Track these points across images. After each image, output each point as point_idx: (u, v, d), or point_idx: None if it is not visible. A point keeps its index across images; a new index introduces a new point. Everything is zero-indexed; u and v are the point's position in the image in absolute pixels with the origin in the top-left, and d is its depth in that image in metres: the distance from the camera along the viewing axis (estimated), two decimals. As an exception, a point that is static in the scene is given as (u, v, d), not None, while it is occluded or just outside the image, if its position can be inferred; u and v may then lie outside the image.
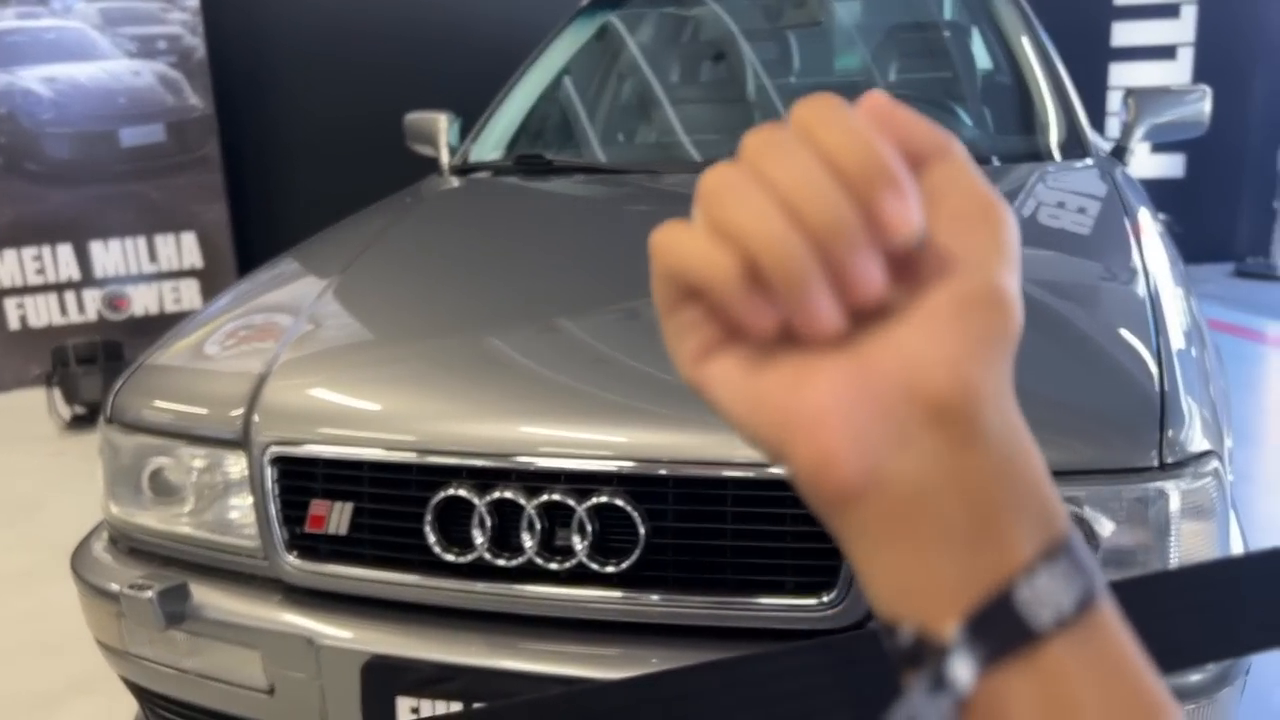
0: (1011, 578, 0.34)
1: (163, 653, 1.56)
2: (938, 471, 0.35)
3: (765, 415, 0.36)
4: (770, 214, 0.34)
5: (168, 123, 4.70)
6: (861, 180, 0.34)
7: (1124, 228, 1.91)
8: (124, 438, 1.63)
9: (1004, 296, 0.35)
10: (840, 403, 0.35)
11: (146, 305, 4.81)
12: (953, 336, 0.35)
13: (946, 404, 0.35)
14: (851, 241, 0.34)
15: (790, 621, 1.30)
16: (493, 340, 1.64)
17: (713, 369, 0.37)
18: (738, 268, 0.34)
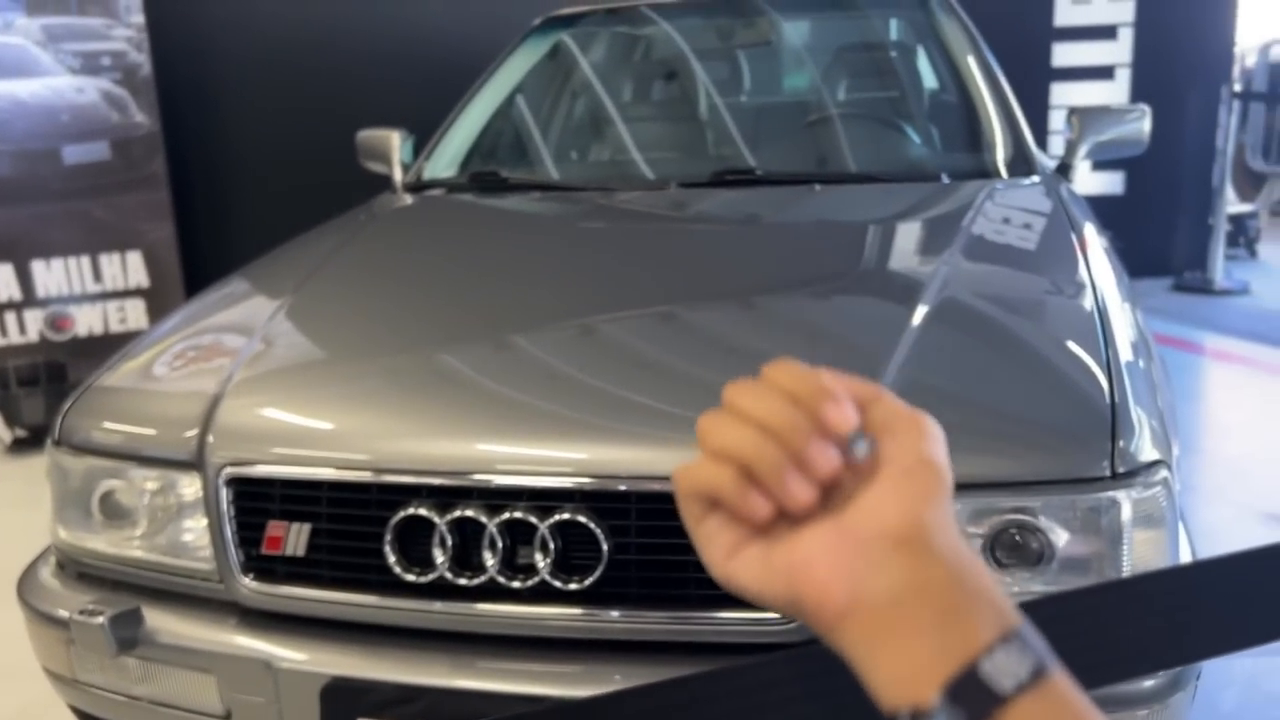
0: (976, 656, 0.45)
1: (114, 680, 1.53)
2: (905, 583, 0.48)
3: (777, 577, 0.51)
4: (749, 433, 0.50)
5: (112, 140, 4.62)
6: (810, 399, 0.51)
7: (1071, 243, 1.95)
8: (73, 460, 1.60)
9: (934, 463, 0.51)
10: (825, 549, 0.50)
11: (91, 325, 4.71)
12: (900, 493, 0.50)
13: (904, 534, 0.49)
14: (807, 436, 0.50)
15: (753, 635, 1.31)
16: (451, 358, 1.63)
17: (737, 562, 0.52)
18: (734, 474, 0.51)
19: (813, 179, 2.39)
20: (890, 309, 1.71)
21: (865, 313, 1.76)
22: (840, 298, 1.83)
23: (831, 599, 0.49)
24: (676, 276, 1.92)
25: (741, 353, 1.59)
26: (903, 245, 2.07)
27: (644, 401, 1.44)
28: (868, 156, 2.58)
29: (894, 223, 2.21)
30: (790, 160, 2.62)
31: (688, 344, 1.64)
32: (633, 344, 1.66)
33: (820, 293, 1.86)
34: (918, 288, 1.70)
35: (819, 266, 1.96)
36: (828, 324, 1.72)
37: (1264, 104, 6.80)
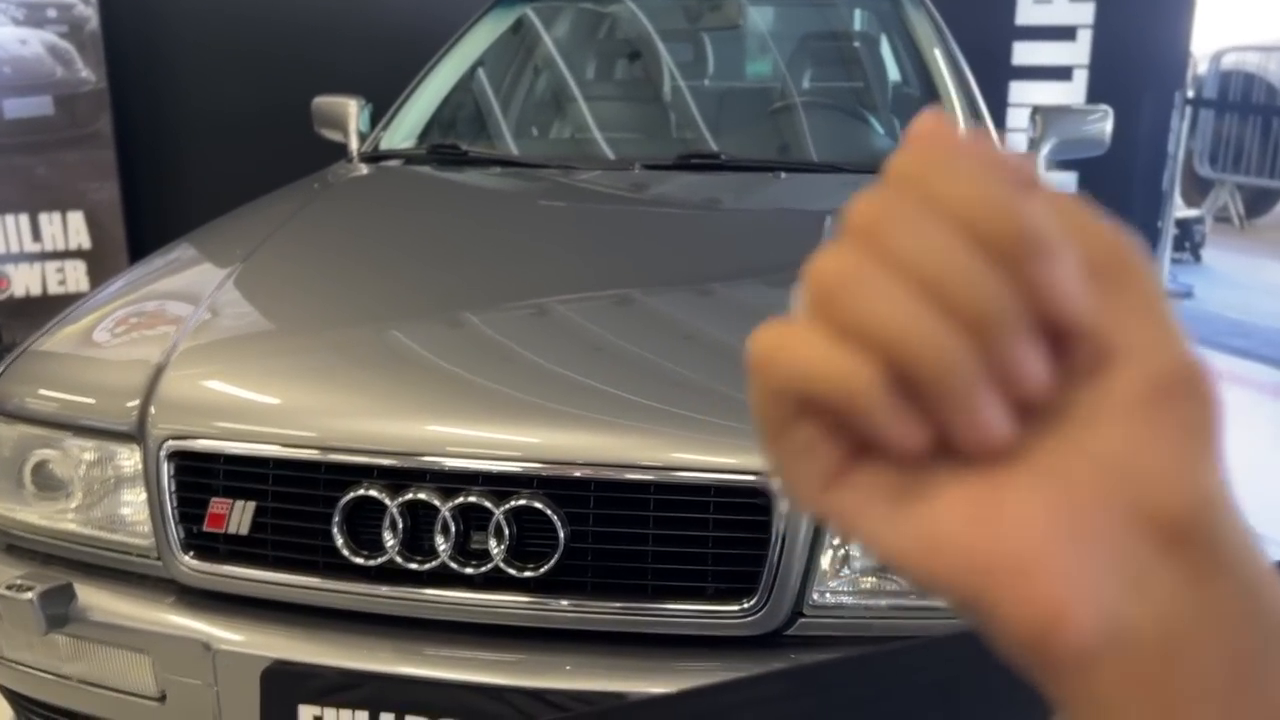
0: None
1: (42, 657, 1.47)
2: (1183, 614, 0.28)
3: (949, 558, 0.28)
4: (915, 307, 0.27)
5: (56, 95, 4.47)
6: (1011, 248, 0.27)
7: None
8: (5, 428, 1.53)
9: (1201, 375, 0.28)
10: (1054, 537, 0.27)
11: (28, 286, 4.56)
12: (1162, 436, 0.28)
13: (1184, 524, 0.28)
14: (1013, 329, 0.27)
15: (710, 628, 1.29)
16: (407, 335, 1.58)
17: (845, 498, 0.29)
18: (881, 376, 0.27)
19: (777, 166, 2.37)
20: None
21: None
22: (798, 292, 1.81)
23: (1071, 634, 0.27)
24: (639, 259, 1.89)
25: (706, 342, 1.57)
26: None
27: (604, 387, 1.41)
28: (833, 146, 2.56)
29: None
30: (755, 146, 2.59)
31: (649, 330, 1.61)
32: (593, 327, 1.62)
33: (783, 283, 1.83)
34: None
35: (782, 255, 1.94)
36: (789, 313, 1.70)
37: (1213, 111, 6.91)
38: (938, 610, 1.30)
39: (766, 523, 1.26)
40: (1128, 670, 0.28)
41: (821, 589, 1.30)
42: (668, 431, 1.31)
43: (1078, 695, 0.29)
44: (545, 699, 1.26)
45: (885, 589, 1.31)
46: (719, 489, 1.27)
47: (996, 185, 0.27)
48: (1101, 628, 0.27)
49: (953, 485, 0.28)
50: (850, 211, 0.29)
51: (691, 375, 1.44)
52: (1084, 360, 0.28)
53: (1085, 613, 0.27)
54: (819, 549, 1.28)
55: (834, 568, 1.30)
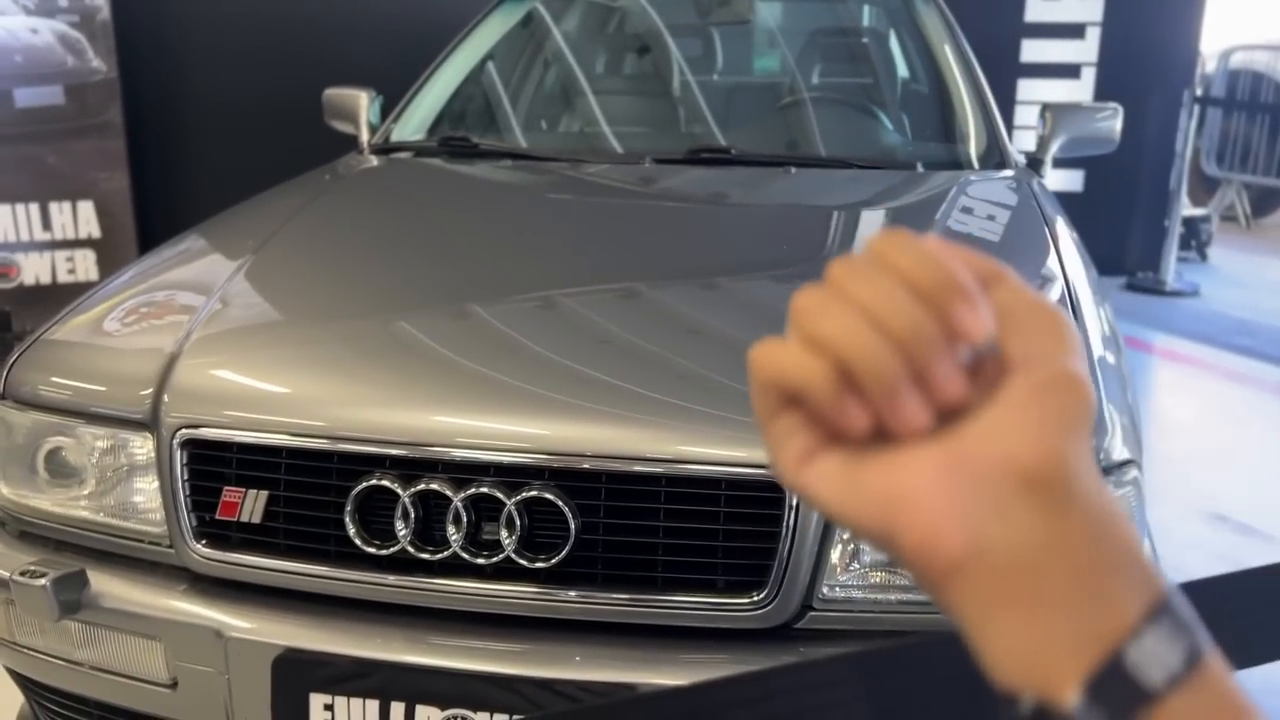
0: (1121, 641, 0.37)
1: (55, 643, 1.48)
2: (1036, 538, 0.38)
3: (868, 503, 0.40)
4: (859, 325, 0.39)
5: (67, 85, 4.47)
6: (938, 294, 0.39)
7: (1044, 237, 1.95)
8: (18, 415, 1.54)
9: (1077, 379, 0.40)
10: (938, 482, 0.39)
11: (38, 274, 4.57)
12: (1036, 416, 0.39)
13: (1037, 473, 0.38)
14: (933, 347, 0.39)
15: (720, 620, 1.29)
16: (420, 326, 1.59)
17: (814, 470, 0.41)
18: (832, 373, 0.39)
19: (789, 161, 2.37)
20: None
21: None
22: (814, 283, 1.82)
23: (942, 548, 0.38)
24: (649, 253, 1.89)
25: (718, 336, 1.57)
26: (877, 232, 2.06)
27: (616, 380, 1.41)
28: (843, 142, 2.56)
29: (868, 210, 2.20)
30: (765, 141, 2.60)
31: (661, 323, 1.62)
32: (604, 320, 1.63)
33: (794, 278, 1.84)
34: None
35: (796, 251, 1.94)
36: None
37: (1220, 110, 6.89)
38: (946, 605, 1.31)
39: (777, 516, 1.27)
40: (993, 580, 0.38)
41: (831, 583, 1.30)
42: (679, 424, 1.32)
43: (958, 599, 0.39)
44: (554, 689, 1.27)
45: (895, 583, 1.31)
46: (730, 482, 1.28)
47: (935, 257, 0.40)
48: (967, 543, 0.38)
49: (881, 457, 0.40)
50: (830, 266, 0.42)
51: (702, 369, 1.44)
52: (996, 374, 0.40)
53: (953, 531, 0.38)
54: (829, 543, 1.29)
55: (844, 562, 1.30)
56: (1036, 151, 2.62)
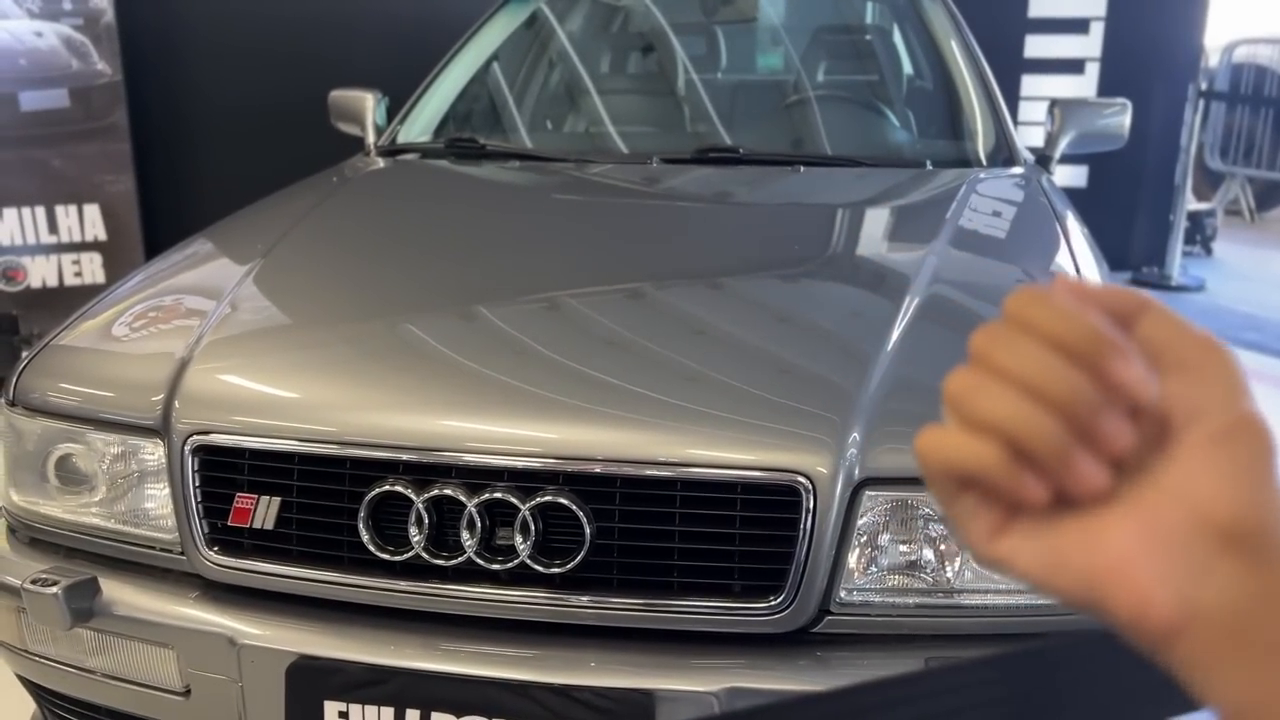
0: None
1: (67, 652, 1.47)
2: (1246, 592, 0.38)
3: (1071, 574, 0.41)
4: (1015, 399, 0.39)
5: (72, 88, 4.46)
6: (1087, 352, 0.39)
7: (1056, 234, 1.94)
8: (28, 422, 1.53)
9: (1253, 422, 0.40)
10: (1138, 549, 0.39)
11: (45, 277, 4.57)
12: (1219, 468, 0.39)
13: (1236, 528, 0.38)
14: (1094, 407, 0.39)
15: (737, 625, 1.28)
16: (431, 329, 1.58)
17: (1005, 545, 0.42)
18: (1000, 452, 0.40)
19: (797, 160, 2.36)
20: (878, 300, 1.68)
21: (852, 304, 1.73)
22: (833, 285, 1.80)
23: (1154, 616, 0.39)
24: (659, 254, 1.88)
25: (732, 339, 1.56)
26: (888, 232, 2.05)
27: (630, 384, 1.40)
28: (850, 140, 2.55)
29: (878, 208, 2.18)
30: (772, 140, 2.59)
31: (675, 326, 1.60)
32: (617, 323, 1.62)
33: (805, 278, 1.83)
34: (906, 278, 1.67)
35: (804, 250, 1.93)
36: (816, 314, 1.68)
37: (1224, 104, 6.87)
38: (964, 608, 1.30)
39: (794, 520, 1.26)
40: (1208, 638, 0.39)
41: (849, 587, 1.29)
42: (694, 428, 1.31)
43: (1181, 660, 0.39)
44: (570, 695, 1.26)
45: (913, 586, 1.30)
46: (746, 485, 1.27)
47: (1076, 312, 0.39)
48: (1178, 608, 0.38)
49: (1071, 524, 0.41)
50: (971, 341, 0.42)
51: (717, 371, 1.43)
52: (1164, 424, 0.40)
53: (1163, 599, 0.39)
54: (846, 547, 1.28)
55: (861, 565, 1.29)
56: (1045, 148, 2.60)
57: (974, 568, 1.29)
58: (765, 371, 1.44)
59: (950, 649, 1.28)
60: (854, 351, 1.48)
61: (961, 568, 1.30)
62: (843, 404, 1.32)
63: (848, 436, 1.28)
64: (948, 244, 1.83)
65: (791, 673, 1.27)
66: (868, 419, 1.30)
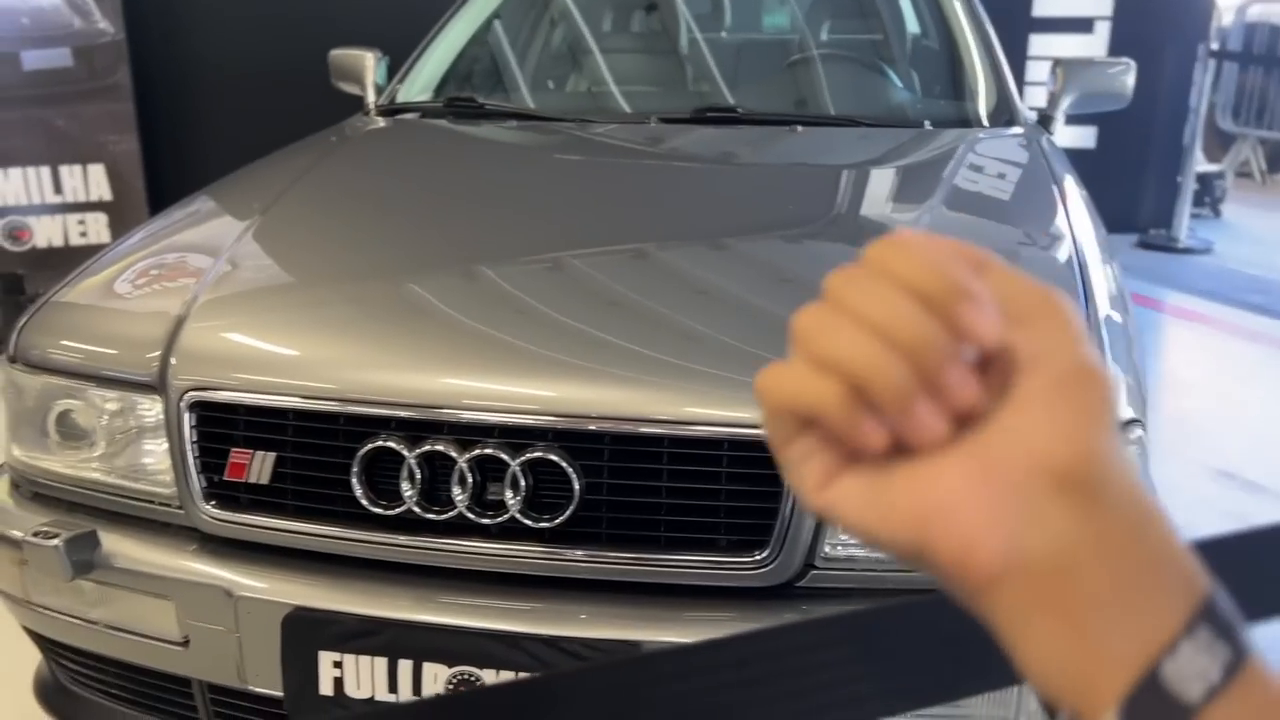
0: (1158, 655, 0.36)
1: (69, 603, 1.50)
2: (1074, 540, 0.37)
3: (898, 519, 0.39)
4: (864, 340, 0.37)
5: (75, 47, 4.46)
6: (941, 298, 0.37)
7: (1052, 196, 1.94)
8: (28, 378, 1.55)
9: (1093, 369, 0.38)
10: (968, 492, 0.38)
11: (50, 237, 4.59)
12: (1058, 413, 0.38)
13: (1069, 472, 0.37)
14: (942, 354, 0.37)
15: (723, 579, 1.31)
16: (424, 288, 1.59)
17: (836, 491, 0.40)
18: (843, 392, 0.38)
19: (795, 120, 2.36)
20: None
21: (841, 262, 1.73)
22: (821, 243, 1.81)
23: (979, 559, 0.37)
24: (655, 214, 1.89)
25: (721, 297, 1.57)
26: (883, 192, 2.05)
27: (619, 341, 1.42)
28: (851, 99, 2.54)
29: (874, 169, 2.18)
30: (773, 100, 2.58)
31: (664, 284, 1.62)
32: (608, 281, 1.63)
33: (799, 237, 1.84)
34: None
35: (800, 210, 1.94)
36: (807, 271, 1.69)
37: (1237, 64, 6.80)
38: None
39: (778, 477, 1.27)
40: (1030, 586, 0.37)
41: (833, 541, 1.31)
42: (681, 385, 1.32)
43: (997, 611, 0.38)
44: (560, 647, 1.28)
45: (896, 542, 1.32)
46: (732, 442, 1.28)
47: (934, 259, 0.38)
48: (1004, 552, 0.37)
49: (904, 471, 0.39)
50: (827, 280, 0.40)
51: (705, 330, 1.44)
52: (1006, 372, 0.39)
53: (990, 541, 0.37)
54: (831, 502, 1.29)
55: (845, 521, 1.31)
56: (1047, 108, 2.59)
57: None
58: (752, 329, 1.45)
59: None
60: None
61: (945, 524, 1.31)
62: None
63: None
64: (941, 204, 1.83)
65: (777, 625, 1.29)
66: None
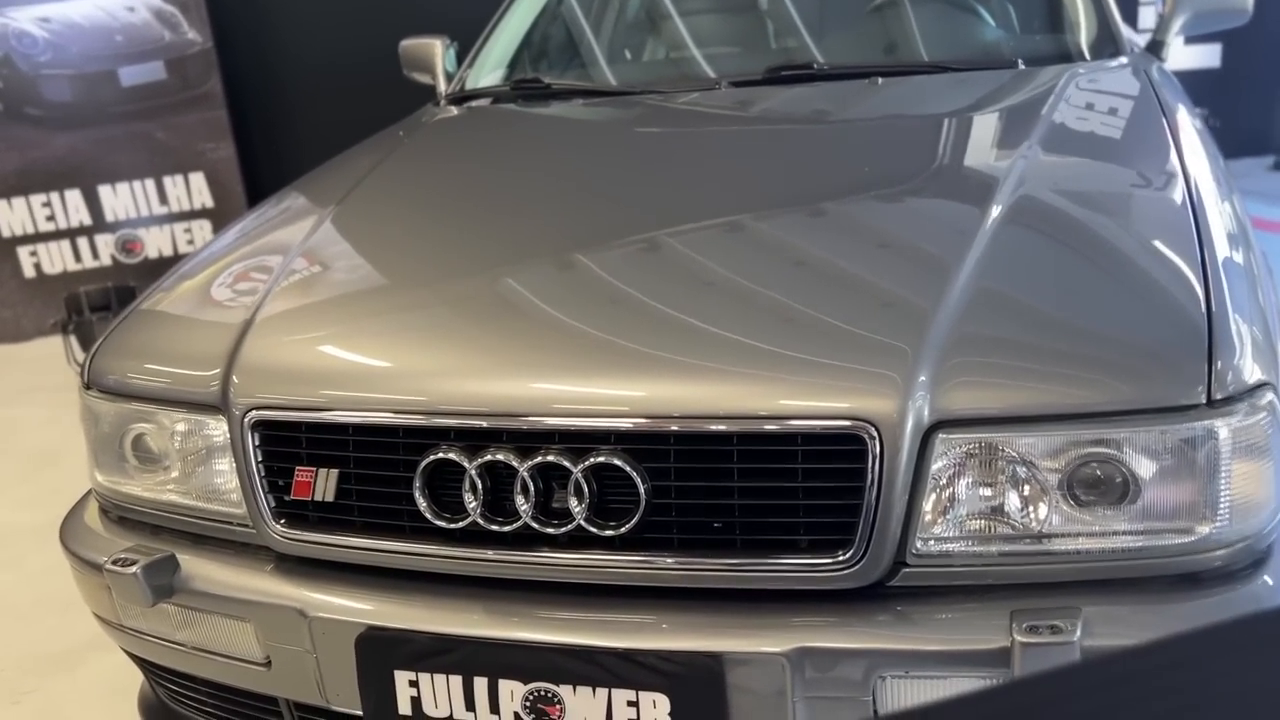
0: None
1: (156, 626, 1.50)
2: None
3: None
4: None
5: (167, 60, 4.57)
6: None
7: (1163, 131, 1.76)
8: (103, 404, 1.55)
9: None
10: None
11: (160, 247, 4.73)
12: None
13: None
14: None
15: (808, 581, 1.21)
16: (480, 292, 1.53)
17: None
18: None
19: (874, 71, 2.20)
20: (962, 211, 1.55)
21: (936, 216, 1.60)
22: (910, 200, 1.68)
23: None
24: (732, 185, 1.78)
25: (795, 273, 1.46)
26: (974, 141, 1.90)
27: (676, 333, 1.32)
28: (935, 43, 2.38)
29: (964, 117, 2.03)
30: (850, 51, 2.43)
31: (734, 267, 1.51)
32: (668, 268, 1.53)
33: (888, 197, 1.71)
34: (991, 187, 1.54)
35: (885, 169, 1.81)
36: (896, 230, 1.57)
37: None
38: (1055, 554, 1.20)
39: (860, 470, 1.17)
40: None
41: (925, 536, 1.20)
42: (746, 378, 1.23)
43: None
44: (635, 660, 1.21)
45: (997, 533, 1.20)
46: (806, 436, 1.19)
47: None
48: None
49: None
50: None
51: (776, 308, 1.34)
52: None
53: None
54: (920, 494, 1.19)
55: (938, 513, 1.20)
56: (1156, 33, 2.38)
57: (1063, 511, 1.19)
58: (831, 301, 1.34)
59: (1040, 599, 1.18)
60: (930, 267, 1.36)
61: (1050, 513, 1.19)
62: (914, 330, 1.23)
63: (916, 375, 1.18)
64: (1039, 146, 1.68)
65: (869, 629, 1.19)
66: (941, 349, 1.20)
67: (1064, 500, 1.19)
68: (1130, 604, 1.18)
